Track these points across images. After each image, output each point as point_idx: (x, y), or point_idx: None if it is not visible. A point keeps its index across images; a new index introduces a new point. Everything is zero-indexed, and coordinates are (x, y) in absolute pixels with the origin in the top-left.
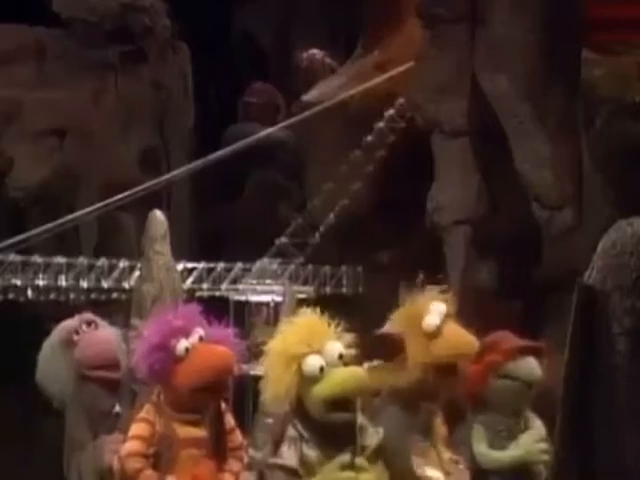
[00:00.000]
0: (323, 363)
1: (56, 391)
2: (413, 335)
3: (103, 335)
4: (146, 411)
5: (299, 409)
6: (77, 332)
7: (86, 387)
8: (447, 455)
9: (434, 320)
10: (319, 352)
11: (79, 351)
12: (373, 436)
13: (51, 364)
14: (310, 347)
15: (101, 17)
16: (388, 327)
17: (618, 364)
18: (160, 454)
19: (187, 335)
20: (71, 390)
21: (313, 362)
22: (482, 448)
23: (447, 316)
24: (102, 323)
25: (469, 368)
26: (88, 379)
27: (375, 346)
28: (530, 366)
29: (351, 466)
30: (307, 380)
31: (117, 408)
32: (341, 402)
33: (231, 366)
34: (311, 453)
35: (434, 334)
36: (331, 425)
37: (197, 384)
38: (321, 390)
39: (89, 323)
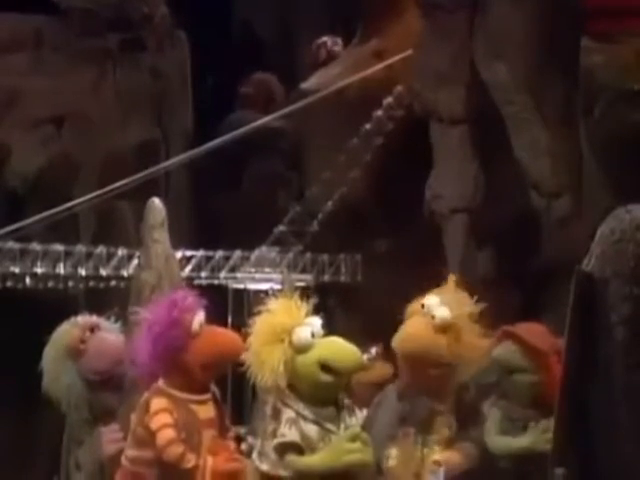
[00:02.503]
0: (313, 330)
1: (64, 397)
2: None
3: (108, 340)
4: (157, 403)
5: (293, 382)
6: (82, 341)
7: (94, 391)
8: (434, 457)
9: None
10: (304, 324)
11: (87, 360)
12: (358, 416)
13: (58, 372)
14: (296, 320)
15: (99, 5)
16: None
17: (616, 352)
18: (188, 439)
19: (196, 313)
20: (78, 395)
21: (304, 331)
22: (492, 433)
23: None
24: (104, 324)
25: None
26: (96, 384)
27: None
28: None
29: (359, 438)
30: (299, 349)
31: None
32: (337, 364)
33: (242, 345)
34: (310, 429)
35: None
36: (325, 392)
37: (210, 360)
38: (315, 354)
39: (92, 329)
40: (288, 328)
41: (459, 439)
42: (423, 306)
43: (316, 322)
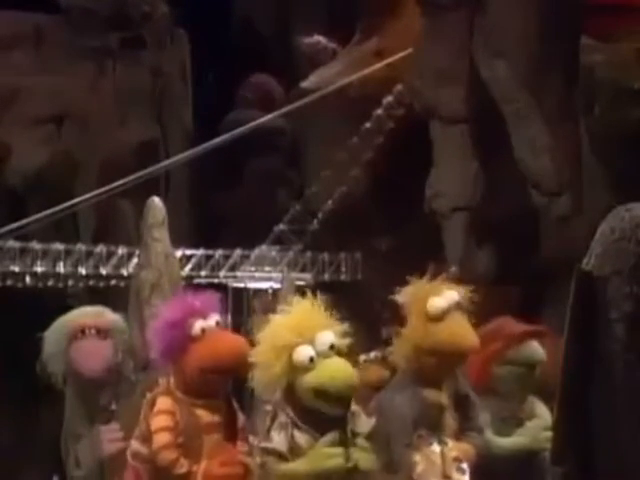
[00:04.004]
0: (313, 353)
1: (56, 372)
2: (415, 314)
3: (98, 349)
4: (162, 403)
5: (290, 395)
6: (83, 331)
7: (85, 389)
8: (453, 454)
9: (440, 303)
10: (310, 342)
11: (73, 354)
12: (366, 424)
13: (54, 350)
14: (301, 337)
15: (100, 4)
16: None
17: (615, 350)
18: (187, 443)
19: (204, 317)
20: (61, 362)
21: (303, 352)
22: (487, 435)
23: (456, 308)
24: (110, 327)
25: (472, 357)
26: (84, 383)
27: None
28: (533, 350)
29: (341, 443)
30: (298, 369)
31: (114, 406)
32: (332, 394)
33: (244, 354)
34: (301, 438)
35: (437, 317)
36: (320, 412)
37: (208, 365)
38: (310, 380)
39: (98, 330)
40: (289, 346)
41: (463, 429)
42: (452, 305)
43: (325, 339)
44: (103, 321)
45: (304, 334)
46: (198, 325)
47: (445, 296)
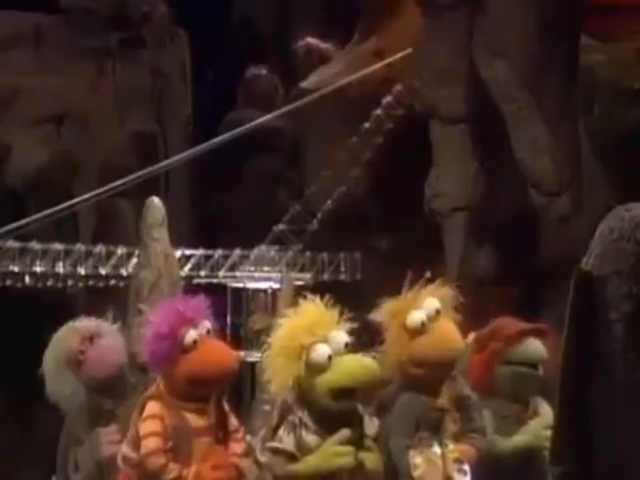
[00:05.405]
0: (330, 352)
1: (65, 401)
2: (395, 330)
3: (106, 348)
4: (151, 407)
5: (301, 396)
6: (82, 352)
7: (95, 395)
8: (454, 455)
9: (419, 316)
10: (325, 341)
11: (86, 369)
12: (369, 425)
13: (59, 382)
14: (316, 336)
15: (99, 4)
16: (374, 316)
17: (615, 350)
18: (177, 447)
19: (195, 326)
20: (79, 399)
21: (322, 351)
22: (489, 435)
23: (438, 314)
24: (103, 329)
25: (473, 358)
26: (96, 389)
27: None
28: (533, 348)
29: (352, 442)
30: (313, 368)
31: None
32: (348, 391)
33: (235, 367)
34: (309, 439)
35: (418, 331)
36: (336, 413)
37: (197, 377)
38: (329, 379)
39: (91, 338)
40: (306, 344)
41: (464, 431)
42: (439, 311)
43: (340, 338)
44: (88, 329)
45: (318, 333)
46: (190, 336)
47: (425, 307)
